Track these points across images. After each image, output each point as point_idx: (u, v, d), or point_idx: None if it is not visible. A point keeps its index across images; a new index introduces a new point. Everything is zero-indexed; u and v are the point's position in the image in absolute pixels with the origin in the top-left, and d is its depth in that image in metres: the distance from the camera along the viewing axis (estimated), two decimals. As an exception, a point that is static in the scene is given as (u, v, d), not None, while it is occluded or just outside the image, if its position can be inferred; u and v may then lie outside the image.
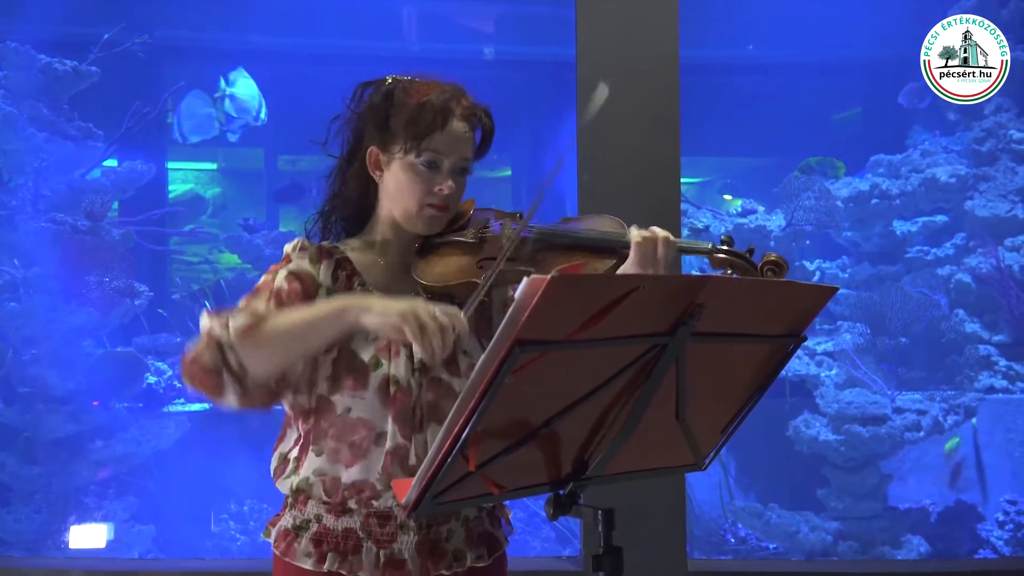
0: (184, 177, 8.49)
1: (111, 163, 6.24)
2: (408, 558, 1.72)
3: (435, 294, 1.74)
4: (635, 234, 1.74)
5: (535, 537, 5.68)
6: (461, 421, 1.27)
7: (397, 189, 1.79)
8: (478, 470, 1.34)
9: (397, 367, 1.72)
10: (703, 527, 5.93)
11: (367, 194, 1.84)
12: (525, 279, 1.19)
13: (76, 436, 5.48)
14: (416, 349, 1.55)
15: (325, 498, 1.73)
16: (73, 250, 5.60)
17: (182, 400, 5.99)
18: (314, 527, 1.74)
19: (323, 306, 1.65)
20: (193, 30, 6.73)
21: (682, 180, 3.55)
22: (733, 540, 5.83)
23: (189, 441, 5.72)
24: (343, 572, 1.71)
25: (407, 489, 1.35)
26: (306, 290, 1.73)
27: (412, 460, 1.70)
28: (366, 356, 1.72)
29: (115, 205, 6.24)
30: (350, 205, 1.86)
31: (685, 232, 6.29)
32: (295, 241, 1.80)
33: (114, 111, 6.21)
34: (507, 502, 1.97)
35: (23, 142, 5.62)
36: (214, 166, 8.76)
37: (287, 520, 1.78)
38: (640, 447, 1.48)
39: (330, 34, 6.86)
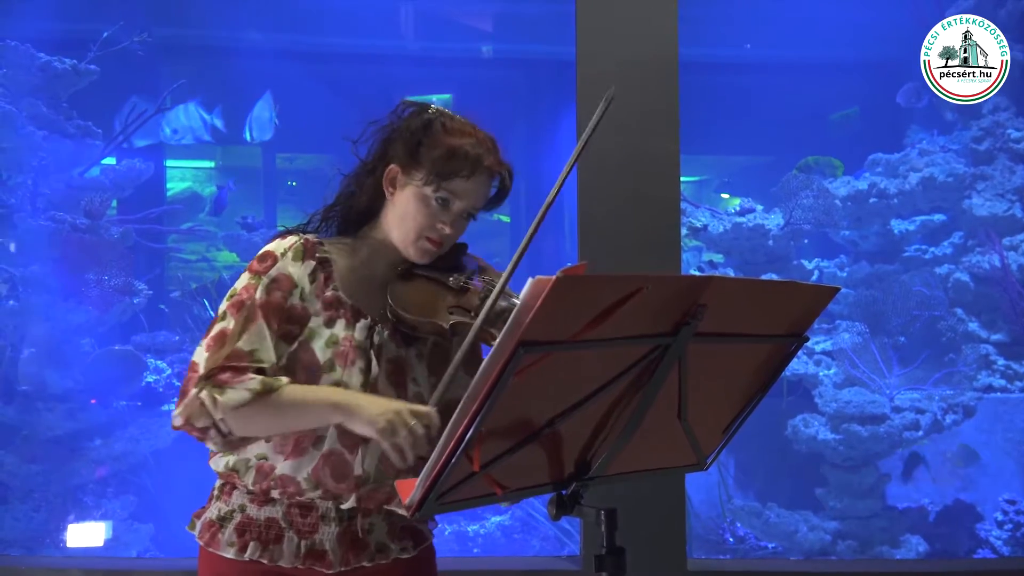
0: (182, 175, 8.49)
1: (110, 161, 6.24)
2: (329, 549, 1.77)
3: (399, 319, 1.80)
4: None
5: (534, 536, 5.69)
6: (465, 422, 1.27)
7: (403, 212, 1.83)
8: (482, 470, 1.34)
9: (349, 376, 1.77)
10: (702, 526, 5.94)
11: (373, 205, 1.89)
12: (529, 280, 1.19)
13: (74, 434, 5.48)
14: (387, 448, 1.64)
15: (251, 486, 1.78)
16: (72, 248, 5.60)
17: (180, 399, 5.99)
18: (238, 517, 1.79)
19: (317, 397, 1.71)
20: (192, 28, 6.73)
21: (681, 179, 3.55)
22: (732, 540, 5.84)
23: (187, 439, 5.69)
24: (264, 561, 1.76)
25: (411, 490, 1.36)
26: (283, 296, 1.78)
27: (358, 471, 1.75)
28: (323, 358, 1.77)
29: (114, 203, 6.24)
30: (355, 210, 1.90)
31: (684, 231, 6.29)
32: (285, 242, 1.84)
33: (113, 109, 6.21)
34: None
35: (22, 140, 5.61)
36: (212, 164, 8.76)
37: (212, 512, 1.83)
38: (642, 447, 1.48)
39: (328, 32, 6.87)
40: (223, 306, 1.77)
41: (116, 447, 5.55)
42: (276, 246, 1.83)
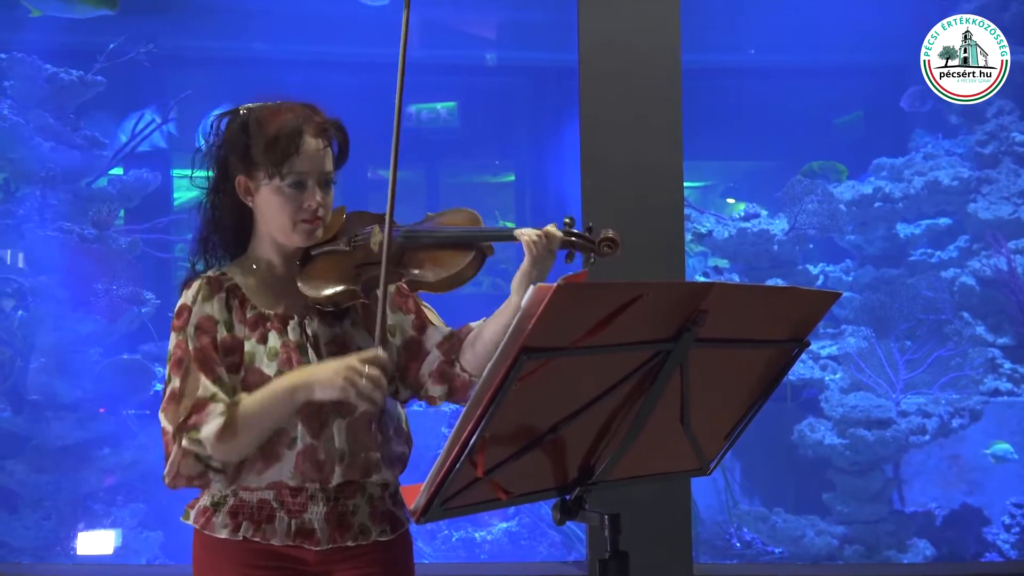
0: (189, 185, 8.51)
1: (117, 171, 6.27)
2: (317, 528, 1.86)
3: (318, 302, 1.89)
4: (520, 233, 1.82)
5: (541, 542, 5.69)
6: (469, 428, 1.29)
7: (270, 212, 1.89)
8: (485, 476, 1.36)
9: None
10: (708, 531, 5.93)
11: (243, 218, 1.95)
12: (532, 287, 1.21)
13: (84, 443, 5.49)
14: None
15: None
16: (80, 258, 5.62)
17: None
18: (231, 501, 1.88)
19: (275, 392, 1.79)
20: (197, 39, 6.76)
21: (685, 184, 3.55)
22: (739, 544, 5.83)
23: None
24: (256, 539, 1.85)
25: (415, 496, 1.37)
26: (212, 338, 1.85)
27: (322, 456, 1.84)
28: (271, 372, 1.85)
29: (121, 213, 6.26)
30: (228, 231, 1.97)
31: (688, 236, 6.30)
32: (191, 290, 1.90)
33: (120, 120, 6.24)
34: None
35: (30, 151, 5.64)
36: (219, 174, 8.77)
37: (205, 499, 1.91)
38: (645, 452, 1.49)
39: (333, 41, 6.88)
40: (167, 370, 1.86)
41: (125, 455, 5.57)
42: (185, 297, 1.90)
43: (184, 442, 1.77)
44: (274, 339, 1.87)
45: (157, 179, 6.19)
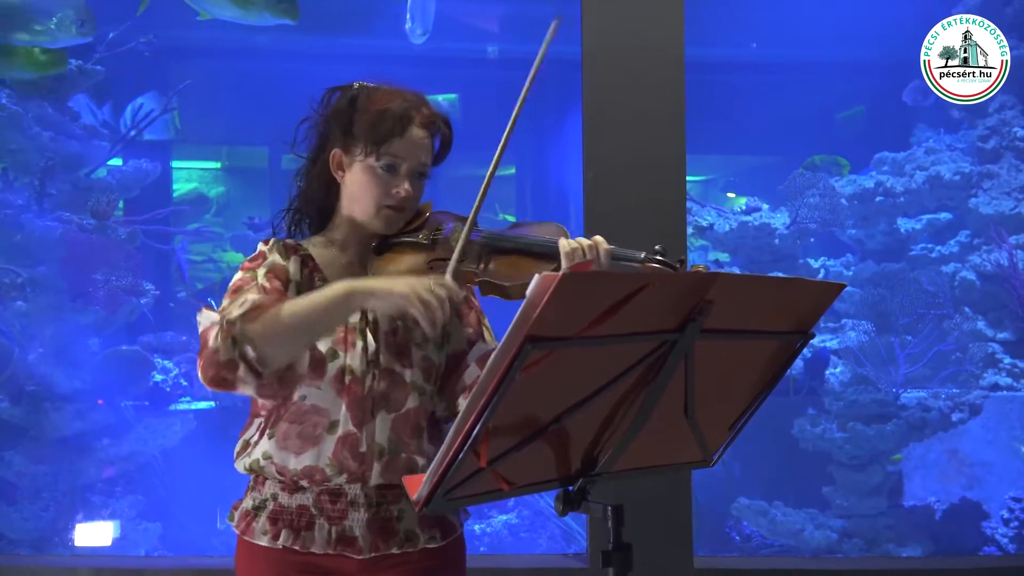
0: (188, 176, 8.52)
1: (116, 162, 6.26)
2: (359, 535, 1.80)
3: None
4: (563, 243, 1.77)
5: (540, 535, 5.69)
6: (472, 417, 1.28)
7: (357, 190, 1.86)
8: (489, 466, 1.35)
9: (352, 358, 1.81)
10: (708, 524, 5.94)
11: (329, 194, 1.92)
12: (536, 276, 1.20)
13: (82, 434, 5.49)
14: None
15: (279, 476, 1.81)
16: (79, 249, 5.61)
17: (188, 398, 6.01)
18: (271, 506, 1.83)
19: (329, 292, 1.69)
20: (198, 29, 6.74)
21: (687, 178, 3.55)
22: (738, 538, 5.84)
23: (195, 439, 5.73)
24: (296, 548, 1.80)
25: (418, 485, 1.36)
26: (283, 284, 1.80)
27: (363, 448, 1.78)
28: (323, 348, 1.80)
29: (120, 204, 6.25)
30: (313, 204, 1.94)
31: (690, 230, 6.29)
32: (268, 243, 1.88)
33: (120, 110, 6.23)
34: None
35: (28, 141, 5.62)
36: (218, 165, 8.78)
37: (247, 502, 1.87)
38: (649, 443, 1.49)
39: (334, 32, 6.87)
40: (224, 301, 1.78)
41: (124, 447, 5.57)
42: (262, 247, 1.88)
43: (220, 320, 1.64)
44: None
45: (157, 169, 6.18)
